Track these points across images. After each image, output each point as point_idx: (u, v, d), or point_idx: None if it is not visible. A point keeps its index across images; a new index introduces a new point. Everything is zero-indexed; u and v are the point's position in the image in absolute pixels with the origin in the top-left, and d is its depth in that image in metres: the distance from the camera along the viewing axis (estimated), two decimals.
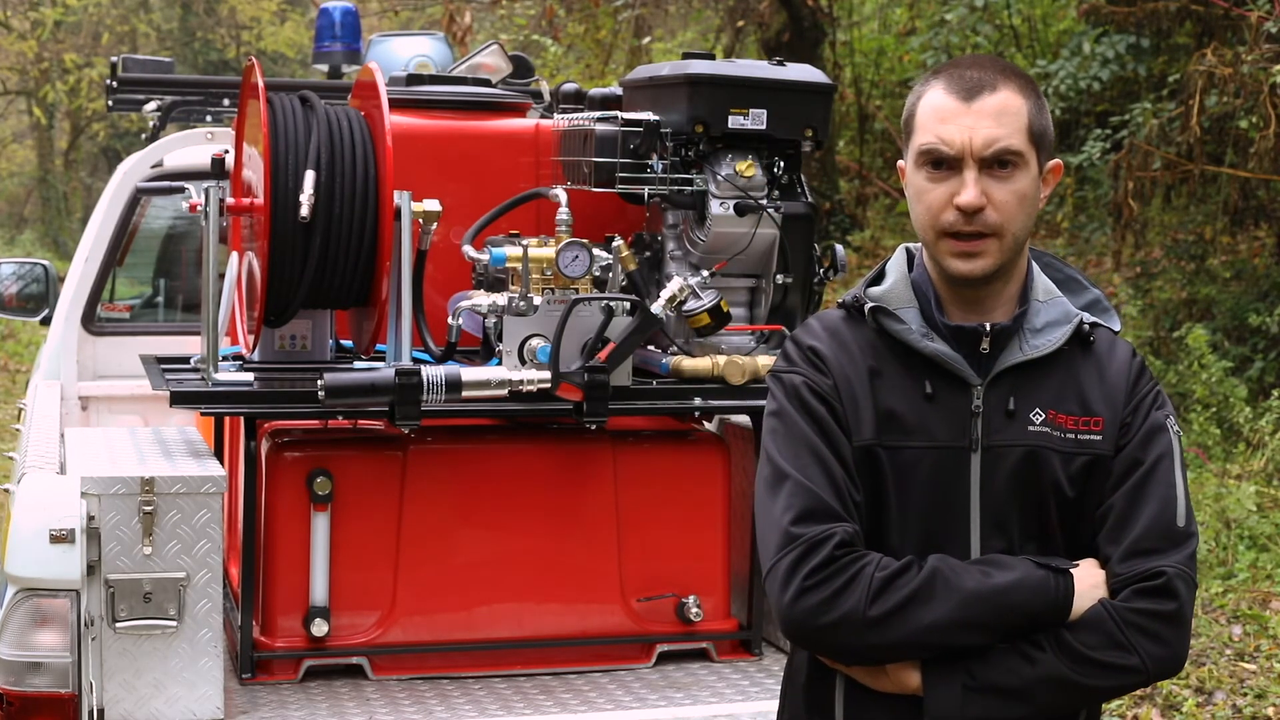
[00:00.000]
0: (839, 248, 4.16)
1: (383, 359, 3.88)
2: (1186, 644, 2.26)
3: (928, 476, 2.28)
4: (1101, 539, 2.27)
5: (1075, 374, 2.31)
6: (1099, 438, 2.28)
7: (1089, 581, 2.24)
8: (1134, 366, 2.34)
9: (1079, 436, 2.28)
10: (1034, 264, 2.37)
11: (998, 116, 2.22)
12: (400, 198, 3.76)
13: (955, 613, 2.18)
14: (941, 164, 2.25)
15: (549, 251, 3.77)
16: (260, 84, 3.79)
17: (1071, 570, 2.24)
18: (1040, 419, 2.29)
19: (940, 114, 2.24)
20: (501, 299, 3.74)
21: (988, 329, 2.29)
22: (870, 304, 2.34)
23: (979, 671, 2.21)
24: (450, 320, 3.86)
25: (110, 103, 5.86)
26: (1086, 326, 2.33)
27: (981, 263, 2.25)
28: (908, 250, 2.40)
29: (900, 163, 2.35)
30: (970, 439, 2.28)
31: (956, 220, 2.24)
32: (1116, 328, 2.39)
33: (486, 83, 4.53)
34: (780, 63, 4.06)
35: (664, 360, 3.92)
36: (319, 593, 3.79)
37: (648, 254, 4.04)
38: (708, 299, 3.86)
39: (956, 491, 2.28)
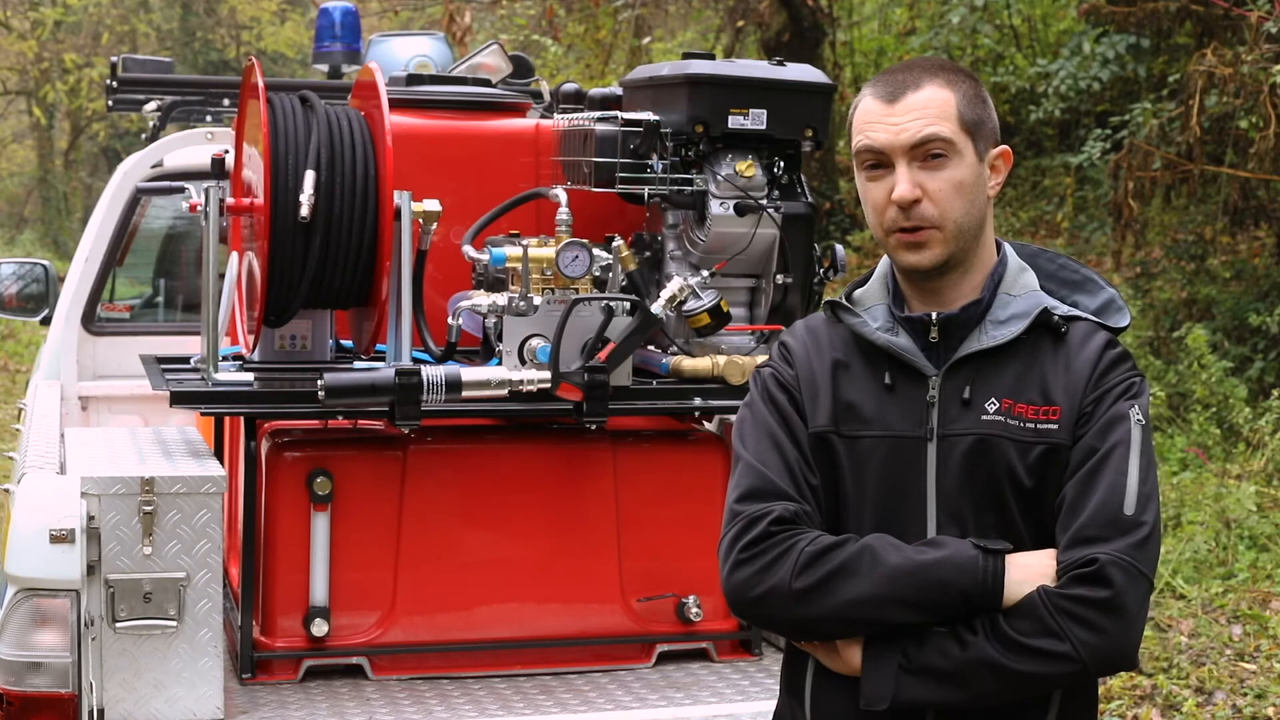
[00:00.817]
0: (839, 248, 4.16)
1: (383, 359, 3.88)
2: (1130, 634, 2.20)
3: (883, 465, 2.31)
4: (1057, 528, 2.27)
5: (1040, 365, 2.32)
6: (1055, 427, 2.28)
7: (1038, 570, 2.22)
8: (1106, 358, 2.32)
9: (1038, 426, 2.28)
10: (1010, 258, 2.39)
11: (921, 111, 2.28)
12: (400, 198, 3.76)
13: (879, 588, 2.21)
14: (878, 165, 2.31)
15: (549, 251, 3.77)
16: (260, 84, 3.79)
17: (1007, 552, 2.23)
18: (995, 408, 2.30)
19: (868, 118, 2.32)
20: (501, 299, 3.74)
21: (933, 318, 2.33)
22: (829, 299, 2.42)
23: (913, 653, 2.22)
24: (450, 320, 3.86)
25: (110, 103, 5.86)
26: (1057, 318, 2.33)
27: (929, 254, 2.30)
28: None
29: None
30: (926, 429, 2.31)
31: (898, 217, 2.30)
32: (1122, 324, 2.39)
33: (486, 83, 4.53)
34: (780, 63, 4.06)
35: (664, 360, 3.92)
36: (319, 593, 3.79)
37: (648, 254, 4.04)
38: (708, 299, 3.86)
39: (912, 481, 2.30)
